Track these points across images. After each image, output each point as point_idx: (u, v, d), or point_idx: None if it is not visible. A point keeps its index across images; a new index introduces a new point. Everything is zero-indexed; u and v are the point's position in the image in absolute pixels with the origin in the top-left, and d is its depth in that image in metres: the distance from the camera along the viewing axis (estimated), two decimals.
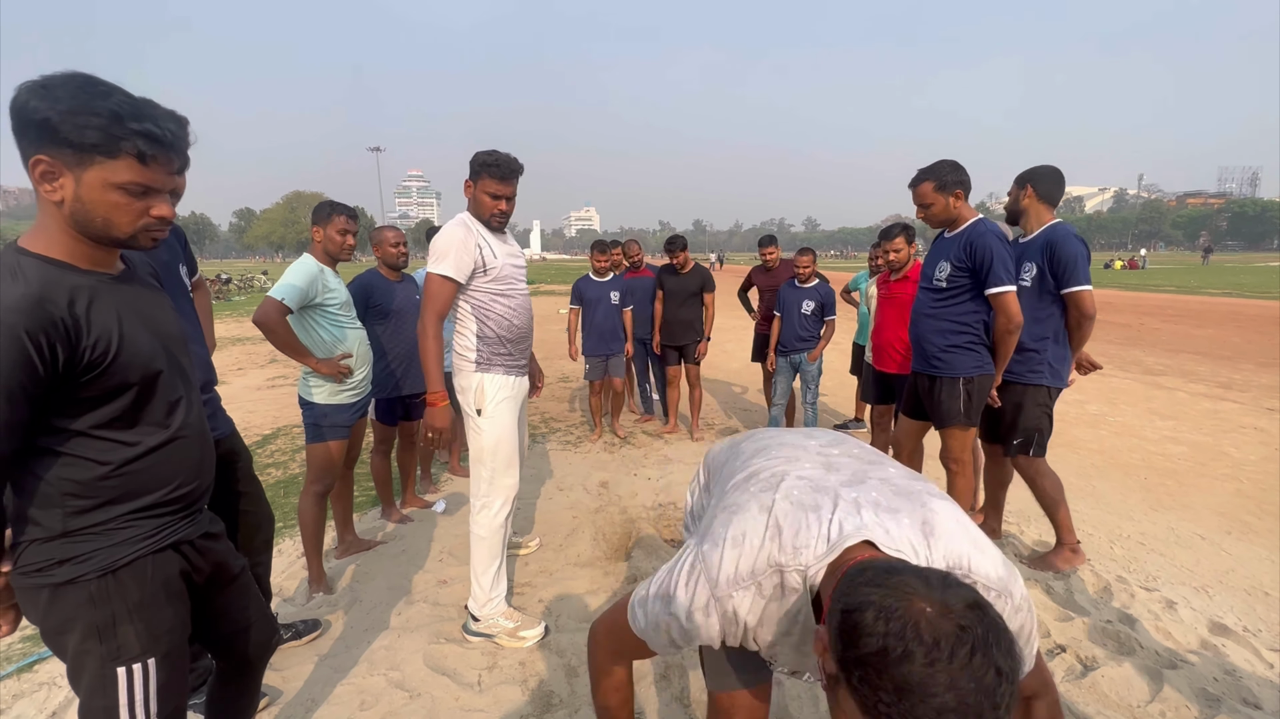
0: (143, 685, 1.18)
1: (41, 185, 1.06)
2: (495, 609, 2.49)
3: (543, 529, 3.56)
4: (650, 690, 2.19)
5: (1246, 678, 2.23)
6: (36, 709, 2.18)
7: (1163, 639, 2.43)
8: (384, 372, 3.49)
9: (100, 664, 1.15)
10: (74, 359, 1.05)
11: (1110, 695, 2.12)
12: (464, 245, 2.36)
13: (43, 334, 1.01)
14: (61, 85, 1.03)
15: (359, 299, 3.43)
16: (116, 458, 1.14)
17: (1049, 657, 2.34)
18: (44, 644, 1.21)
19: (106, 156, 1.05)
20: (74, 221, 1.09)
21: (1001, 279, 2.71)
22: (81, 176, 1.06)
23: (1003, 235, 2.79)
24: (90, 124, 1.02)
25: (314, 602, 2.79)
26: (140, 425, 1.16)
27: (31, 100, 1.01)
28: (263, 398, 6.95)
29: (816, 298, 4.84)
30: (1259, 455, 4.81)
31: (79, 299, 1.06)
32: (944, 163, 2.85)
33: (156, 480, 1.19)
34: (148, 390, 1.16)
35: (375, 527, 3.66)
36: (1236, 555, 3.27)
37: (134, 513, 1.17)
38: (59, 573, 1.12)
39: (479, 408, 2.45)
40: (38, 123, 1.01)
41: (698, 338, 5.40)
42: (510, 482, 2.51)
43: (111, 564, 1.14)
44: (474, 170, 2.40)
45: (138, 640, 1.17)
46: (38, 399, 1.04)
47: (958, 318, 2.87)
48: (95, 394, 1.10)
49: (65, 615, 1.14)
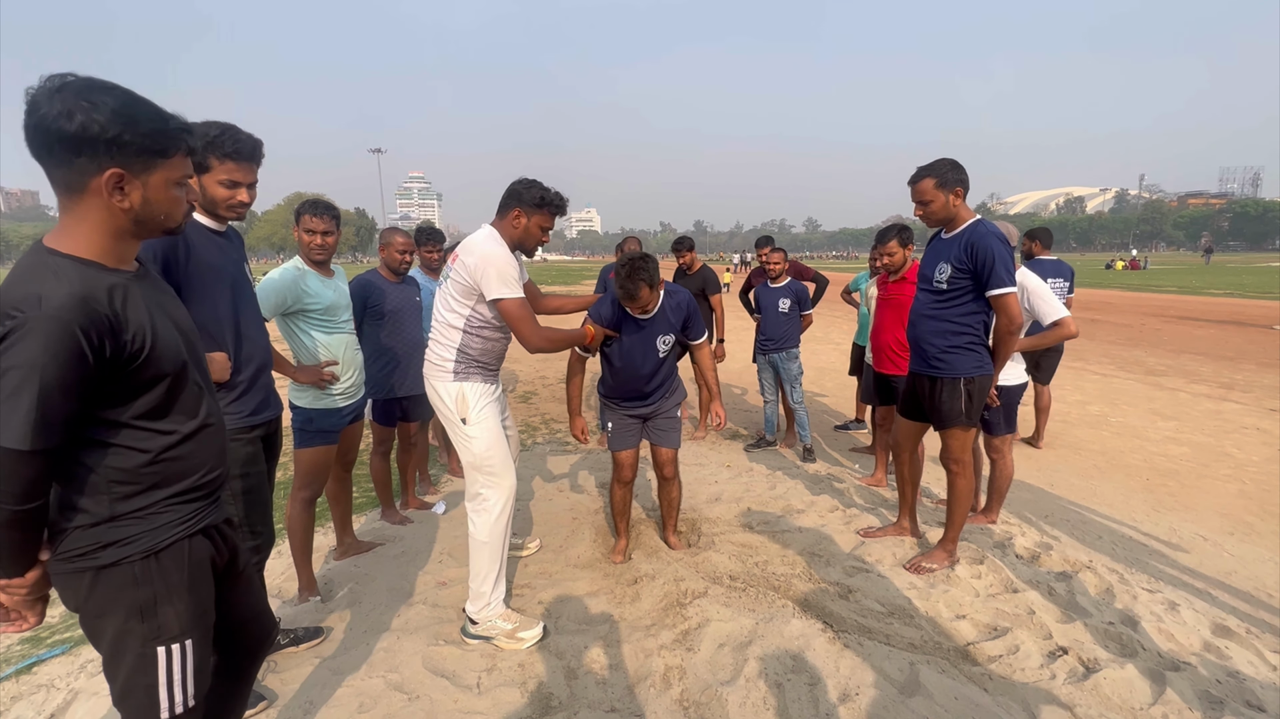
0: (180, 665, 1.25)
1: (112, 196, 1.12)
2: (493, 611, 2.48)
3: (543, 531, 3.55)
4: (649, 693, 2.18)
5: (1250, 681, 2.21)
6: (35, 711, 2.17)
7: (1165, 641, 2.41)
8: (381, 373, 3.48)
9: (142, 643, 1.22)
10: (118, 352, 1.11)
11: (1113, 698, 2.11)
12: (514, 264, 2.47)
13: (93, 329, 1.07)
14: (106, 96, 1.08)
15: (357, 299, 3.41)
16: (156, 445, 1.21)
17: (1050, 659, 2.33)
18: (81, 630, 1.26)
19: (164, 158, 1.16)
20: (135, 222, 1.17)
21: (1003, 280, 2.71)
22: (148, 180, 1.15)
23: (1003, 236, 2.78)
24: (152, 131, 1.12)
25: (311, 604, 2.78)
26: (174, 415, 1.24)
27: (92, 120, 1.06)
28: None
29: (790, 295, 4.86)
30: (1261, 456, 4.80)
31: (115, 296, 1.12)
32: (944, 160, 2.84)
33: (191, 466, 1.27)
34: (179, 381, 1.23)
35: (374, 528, 3.65)
36: (1239, 557, 3.26)
37: (172, 498, 1.24)
38: (104, 556, 1.17)
39: (463, 417, 2.47)
40: (107, 140, 1.07)
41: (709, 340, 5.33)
42: (508, 483, 2.53)
43: (154, 547, 1.21)
44: (534, 204, 2.49)
45: (177, 621, 1.24)
46: (87, 393, 1.10)
47: (958, 319, 2.86)
48: (135, 385, 1.16)
49: (108, 598, 1.19)
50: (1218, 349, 9.65)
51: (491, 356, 2.57)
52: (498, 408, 2.60)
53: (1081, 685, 2.17)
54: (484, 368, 2.55)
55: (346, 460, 3.12)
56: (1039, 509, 3.88)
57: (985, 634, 2.51)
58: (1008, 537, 3.39)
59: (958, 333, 2.86)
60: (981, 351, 2.88)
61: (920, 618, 2.59)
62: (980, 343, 2.87)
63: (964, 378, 2.86)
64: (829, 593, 2.80)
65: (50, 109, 1.05)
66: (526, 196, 2.48)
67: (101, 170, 1.09)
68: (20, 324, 1.02)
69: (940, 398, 2.92)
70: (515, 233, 2.50)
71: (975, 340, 2.86)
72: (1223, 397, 6.67)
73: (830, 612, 2.63)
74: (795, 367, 4.90)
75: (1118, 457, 4.84)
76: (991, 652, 2.38)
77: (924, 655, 2.35)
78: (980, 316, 2.84)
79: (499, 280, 2.38)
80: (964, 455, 2.98)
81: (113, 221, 1.15)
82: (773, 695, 2.13)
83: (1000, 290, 2.72)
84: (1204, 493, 4.12)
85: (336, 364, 2.72)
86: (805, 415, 4.90)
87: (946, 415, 2.92)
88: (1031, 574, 2.96)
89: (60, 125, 1.05)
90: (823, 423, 5.89)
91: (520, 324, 2.42)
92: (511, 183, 2.53)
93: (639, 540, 3.37)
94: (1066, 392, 6.85)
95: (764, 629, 2.50)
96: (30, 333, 1.02)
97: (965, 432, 2.94)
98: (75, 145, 1.07)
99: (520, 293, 2.43)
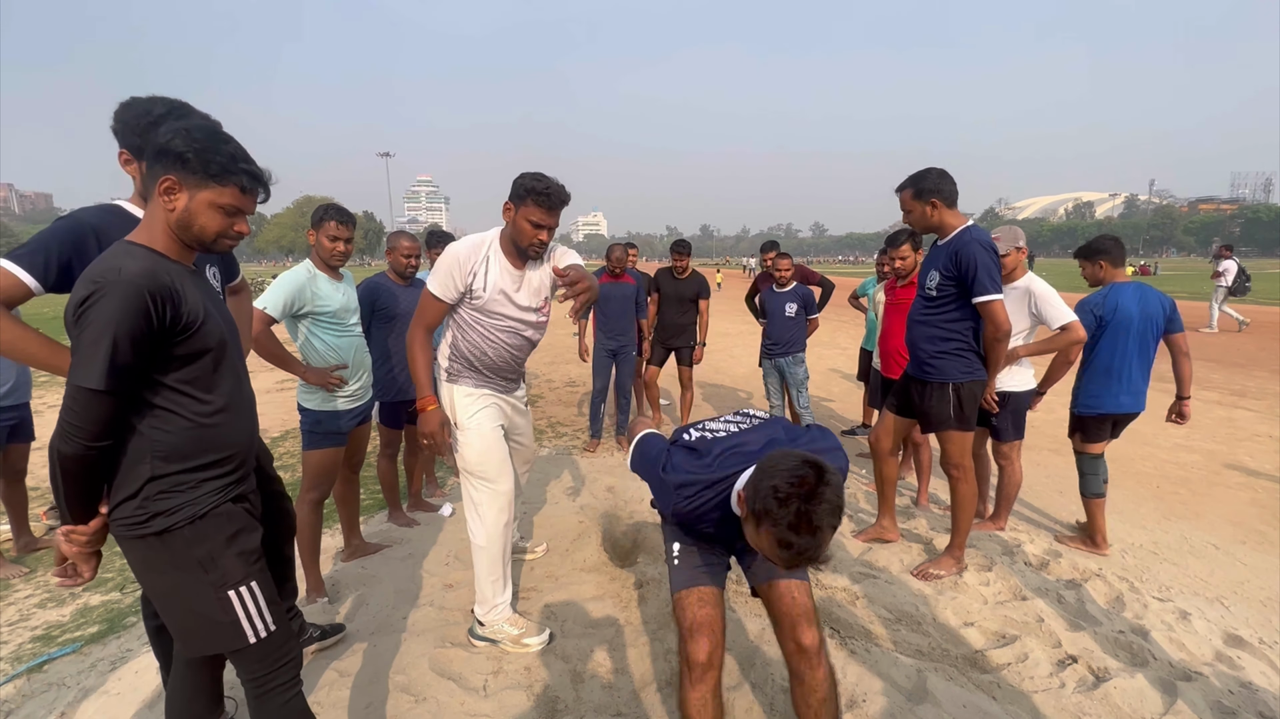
0: (254, 602, 1.46)
1: (162, 198, 1.36)
2: (500, 615, 2.48)
3: (549, 534, 3.56)
4: (655, 698, 2.17)
5: (1263, 692, 2.19)
6: (46, 709, 2.19)
7: (1176, 651, 2.39)
8: (389, 376, 3.50)
9: (215, 590, 1.42)
10: (176, 320, 1.31)
11: (1123, 708, 2.09)
12: (459, 266, 2.30)
13: (159, 296, 1.28)
14: (199, 130, 1.37)
15: (365, 302, 3.44)
16: (197, 412, 1.39)
17: (1059, 667, 2.31)
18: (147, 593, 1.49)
19: (216, 183, 1.38)
20: (177, 225, 1.39)
21: (986, 288, 2.75)
22: (195, 195, 1.37)
23: (989, 244, 2.80)
24: (214, 160, 1.36)
25: (318, 605, 2.79)
26: (215, 390, 1.43)
27: (175, 139, 1.34)
28: (271, 401, 6.99)
29: (798, 299, 4.88)
30: (1274, 464, 4.75)
31: (176, 278, 1.34)
32: (928, 170, 2.89)
33: (224, 438, 1.44)
34: (220, 357, 1.43)
35: (382, 530, 3.66)
36: (1251, 566, 3.23)
37: (209, 467, 1.41)
38: (155, 524, 1.36)
39: (455, 420, 2.45)
40: (176, 154, 1.33)
41: (692, 342, 5.56)
42: (504, 488, 2.46)
43: (196, 514, 1.39)
44: (518, 194, 2.24)
45: (237, 568, 1.44)
46: (149, 351, 1.29)
47: (946, 324, 2.90)
48: (184, 354, 1.36)
49: (173, 558, 1.39)
50: (1229, 356, 9.56)
51: (483, 359, 2.43)
52: (495, 413, 2.49)
53: (1091, 694, 2.15)
54: (476, 372, 2.45)
55: (354, 462, 3.14)
56: (1048, 516, 3.85)
57: (994, 642, 2.49)
58: (1016, 543, 3.37)
59: (946, 338, 2.90)
60: (971, 357, 2.91)
61: (928, 625, 2.58)
62: (970, 349, 2.91)
63: (953, 383, 2.89)
64: (836, 599, 2.79)
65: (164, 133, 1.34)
66: (514, 187, 2.27)
67: (157, 176, 1.35)
68: (102, 287, 1.24)
69: (930, 402, 2.96)
70: (511, 230, 2.32)
71: (964, 346, 2.90)
72: (1234, 404, 6.61)
73: (837, 618, 2.61)
74: (801, 371, 4.90)
75: (1128, 464, 4.80)
76: (1000, 659, 2.36)
77: (932, 663, 2.33)
78: (969, 323, 2.88)
79: (434, 271, 2.34)
80: (963, 460, 2.97)
81: (167, 221, 1.38)
82: (779, 702, 2.12)
83: (984, 298, 2.76)
84: (1215, 501, 4.08)
85: (345, 368, 2.75)
86: (811, 420, 4.89)
87: (936, 419, 2.96)
88: (1040, 582, 2.94)
89: (158, 140, 1.35)
90: (829, 427, 5.86)
91: (418, 311, 2.35)
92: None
93: (645, 544, 3.37)
94: None
95: (770, 634, 2.49)
96: (109, 295, 1.24)
97: (962, 436, 2.95)
98: (155, 156, 1.35)
99: (436, 292, 2.32)
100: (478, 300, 2.35)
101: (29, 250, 1.59)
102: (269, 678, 1.52)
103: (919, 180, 2.88)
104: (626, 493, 4.20)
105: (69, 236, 1.61)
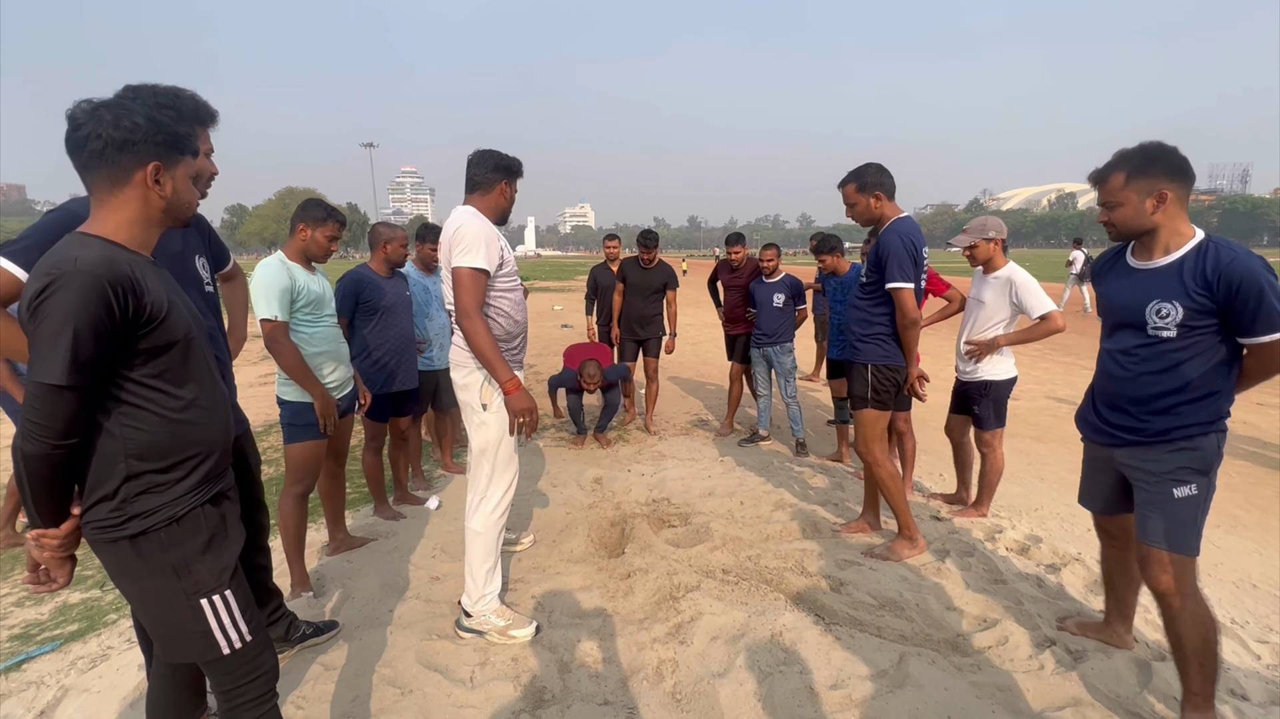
0: (226, 612, 1.41)
1: (153, 188, 1.31)
2: (488, 606, 2.48)
3: (537, 526, 3.56)
4: (642, 686, 2.19)
5: (1234, 669, 2.25)
6: (25, 708, 2.16)
7: (1152, 632, 2.44)
8: (373, 368, 3.46)
9: (186, 598, 1.37)
10: (139, 312, 1.25)
11: (1100, 687, 2.14)
12: (492, 239, 2.40)
13: (120, 284, 1.21)
14: (136, 107, 1.28)
15: (349, 294, 3.40)
16: (169, 407, 1.33)
17: (1039, 649, 2.35)
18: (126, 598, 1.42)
19: (183, 154, 1.35)
20: (168, 209, 1.36)
21: (894, 275, 2.89)
22: (176, 173, 1.34)
23: (907, 234, 2.90)
24: (174, 132, 1.32)
25: (304, 600, 2.77)
26: (187, 384, 1.37)
27: (136, 125, 1.26)
28: (255, 394, 6.90)
29: (785, 290, 4.91)
30: (1248, 450, 4.85)
31: (135, 268, 1.28)
32: (868, 165, 3.04)
33: (201, 435, 1.39)
34: (189, 349, 1.37)
35: (367, 524, 3.64)
36: (1225, 549, 3.30)
37: (185, 463, 1.36)
38: (130, 527, 1.30)
39: (485, 403, 2.46)
40: (145, 140, 1.28)
41: (660, 333, 5.55)
42: (511, 475, 2.54)
43: (173, 516, 1.34)
44: (510, 171, 2.54)
45: (210, 576, 1.39)
46: (113, 344, 1.23)
47: (872, 310, 3.05)
48: (150, 348, 1.30)
49: (147, 562, 1.33)
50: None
51: (510, 322, 2.51)
52: None
53: (1068, 675, 2.19)
54: (508, 352, 2.50)
55: (338, 455, 3.11)
56: (1029, 502, 3.91)
57: (975, 626, 2.53)
58: (998, 529, 3.42)
59: (870, 323, 3.05)
60: (890, 343, 3.04)
61: (911, 610, 2.61)
62: (891, 335, 3.04)
63: (870, 364, 3.04)
64: (821, 586, 2.82)
65: (96, 123, 1.25)
66: (507, 166, 2.53)
67: (144, 164, 1.29)
68: (58, 278, 1.18)
69: (851, 380, 3.13)
70: (498, 202, 2.53)
71: (886, 333, 3.04)
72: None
73: (822, 604, 2.64)
74: (789, 361, 4.92)
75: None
76: (981, 643, 2.40)
77: (914, 647, 2.37)
78: (891, 311, 3.00)
79: (461, 248, 2.33)
80: (870, 444, 3.10)
81: (147, 209, 1.33)
82: (764, 687, 2.14)
83: (892, 284, 2.91)
84: None
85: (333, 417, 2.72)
86: (799, 410, 4.92)
87: (855, 398, 3.13)
88: (1021, 566, 2.99)
89: (110, 132, 1.25)
90: (815, 418, 5.91)
91: (467, 294, 2.32)
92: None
93: (632, 534, 3.38)
94: (1058, 386, 6.88)
95: (756, 622, 2.51)
96: (66, 286, 1.18)
97: (874, 417, 3.09)
98: (120, 145, 1.26)
99: (485, 265, 2.34)
100: (507, 265, 2.47)
101: (23, 246, 1.55)
102: (238, 692, 1.47)
103: (861, 175, 3.02)
104: (613, 484, 4.21)
105: (62, 229, 1.57)
